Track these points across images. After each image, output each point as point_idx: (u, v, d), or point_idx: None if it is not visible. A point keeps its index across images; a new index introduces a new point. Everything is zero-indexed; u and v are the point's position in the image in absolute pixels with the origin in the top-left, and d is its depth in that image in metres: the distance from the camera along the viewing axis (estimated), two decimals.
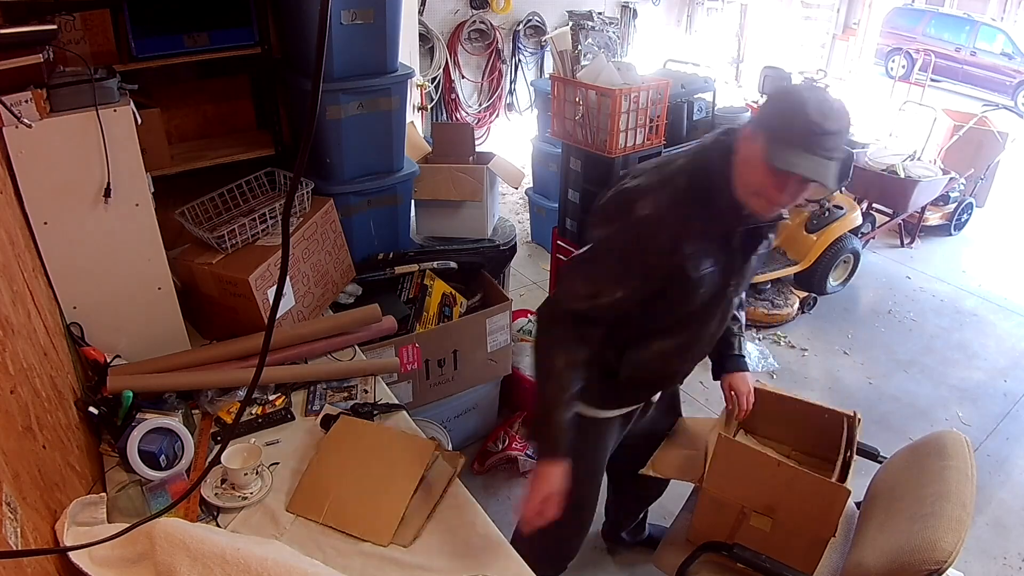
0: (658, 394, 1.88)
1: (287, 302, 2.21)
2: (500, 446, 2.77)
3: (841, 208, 4.01)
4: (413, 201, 3.09)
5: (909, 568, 1.37)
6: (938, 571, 1.34)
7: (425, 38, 5.63)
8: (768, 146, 1.29)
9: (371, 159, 2.77)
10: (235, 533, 1.46)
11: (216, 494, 1.56)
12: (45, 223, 1.78)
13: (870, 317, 4.04)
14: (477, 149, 3.34)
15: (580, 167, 2.79)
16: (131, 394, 1.69)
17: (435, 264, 2.75)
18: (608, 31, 2.78)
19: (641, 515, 2.41)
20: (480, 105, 6.36)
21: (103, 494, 1.40)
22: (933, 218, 4.91)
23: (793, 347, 3.69)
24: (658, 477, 1.95)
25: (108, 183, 1.81)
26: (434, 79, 5.80)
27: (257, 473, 1.59)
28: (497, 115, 6.51)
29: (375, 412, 1.83)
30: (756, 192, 1.36)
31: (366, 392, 1.93)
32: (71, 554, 1.20)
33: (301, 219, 2.35)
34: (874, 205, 4.65)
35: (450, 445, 2.43)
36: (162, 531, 1.25)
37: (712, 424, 2.08)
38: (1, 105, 1.56)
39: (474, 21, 5.97)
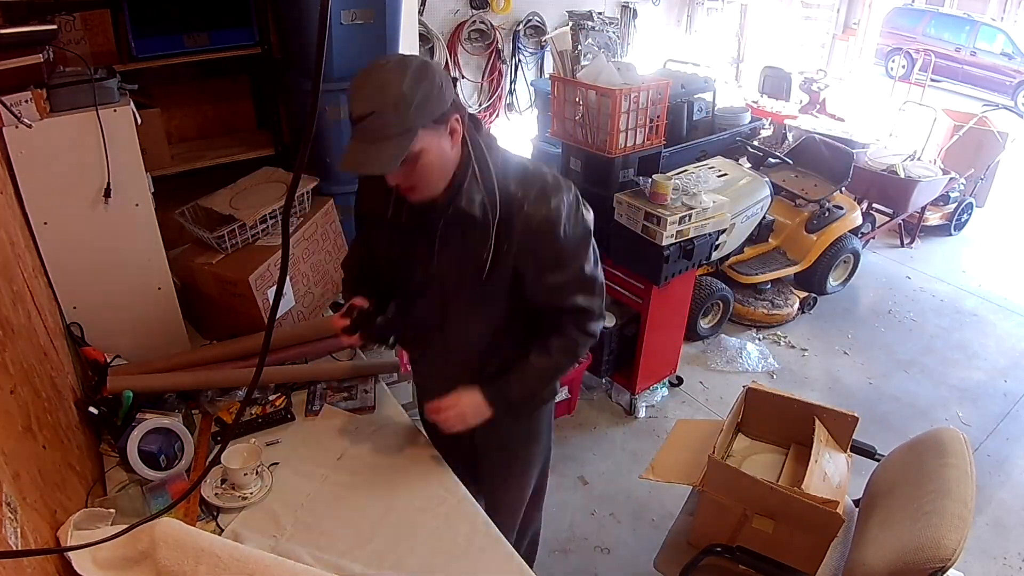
0: None
1: (287, 302, 2.21)
2: None
3: (841, 208, 4.01)
4: None
5: (913, 566, 1.37)
6: (943, 569, 1.34)
7: (425, 38, 5.62)
8: None
9: None
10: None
11: (216, 494, 1.55)
12: (45, 223, 1.78)
13: (870, 317, 4.04)
14: None
15: (580, 167, 2.79)
16: (131, 394, 1.69)
17: None
18: (608, 31, 2.79)
19: None
20: (480, 105, 6.35)
21: (112, 510, 1.39)
22: (933, 218, 4.91)
23: (793, 347, 3.69)
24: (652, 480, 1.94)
25: (108, 183, 1.81)
26: None
27: (257, 473, 1.59)
28: (497, 115, 6.49)
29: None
30: None
31: (366, 392, 1.93)
32: (74, 562, 1.20)
33: (301, 219, 2.35)
34: (874, 205, 4.65)
35: None
36: (163, 531, 1.25)
37: (710, 427, 2.08)
38: (1, 105, 1.56)
39: (474, 21, 5.96)
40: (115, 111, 1.78)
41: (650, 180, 2.56)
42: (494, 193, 1.28)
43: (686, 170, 2.96)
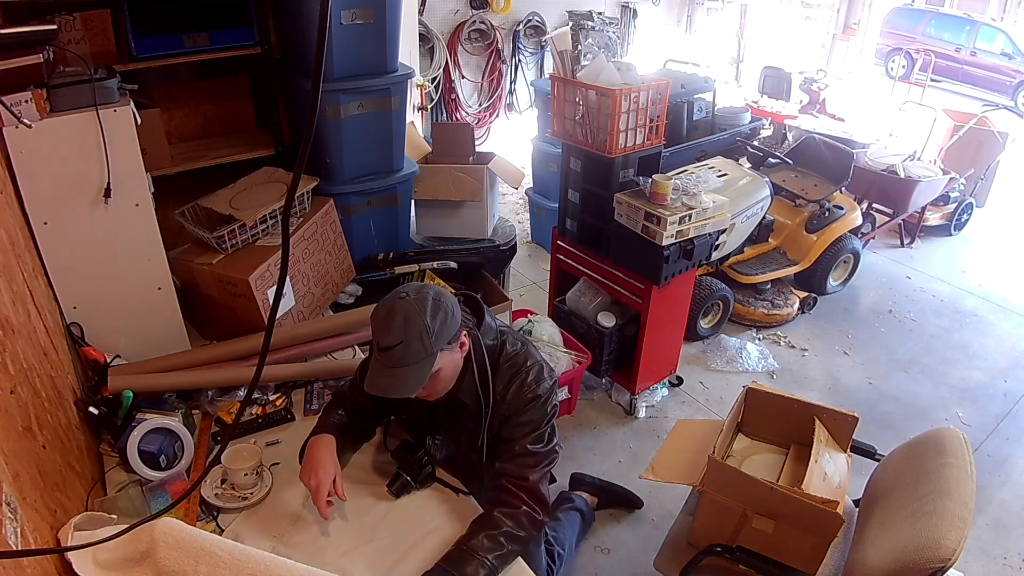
0: None
1: (287, 302, 2.22)
2: None
3: (841, 208, 4.01)
4: (413, 201, 3.10)
5: (913, 567, 1.36)
6: (942, 569, 1.34)
7: (425, 38, 5.63)
8: None
9: (371, 159, 2.77)
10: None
11: (216, 494, 1.56)
12: (45, 223, 1.78)
13: (870, 317, 4.04)
14: (477, 149, 3.34)
15: (580, 167, 2.79)
16: (131, 394, 1.69)
17: (435, 264, 2.75)
18: (608, 31, 2.78)
19: None
20: (480, 105, 6.35)
21: (114, 516, 1.39)
22: (933, 218, 4.91)
23: (793, 347, 3.69)
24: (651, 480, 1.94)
25: (108, 183, 1.81)
26: (434, 79, 5.79)
27: (257, 473, 1.59)
28: (497, 115, 6.50)
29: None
30: None
31: None
32: (74, 563, 1.20)
33: (301, 219, 2.35)
34: (874, 205, 4.65)
35: None
36: (163, 531, 1.25)
37: (710, 427, 2.08)
38: (1, 105, 1.56)
39: (474, 21, 5.97)
40: (115, 111, 1.79)
41: (650, 180, 2.56)
42: (488, 385, 1.51)
43: (686, 170, 2.96)
